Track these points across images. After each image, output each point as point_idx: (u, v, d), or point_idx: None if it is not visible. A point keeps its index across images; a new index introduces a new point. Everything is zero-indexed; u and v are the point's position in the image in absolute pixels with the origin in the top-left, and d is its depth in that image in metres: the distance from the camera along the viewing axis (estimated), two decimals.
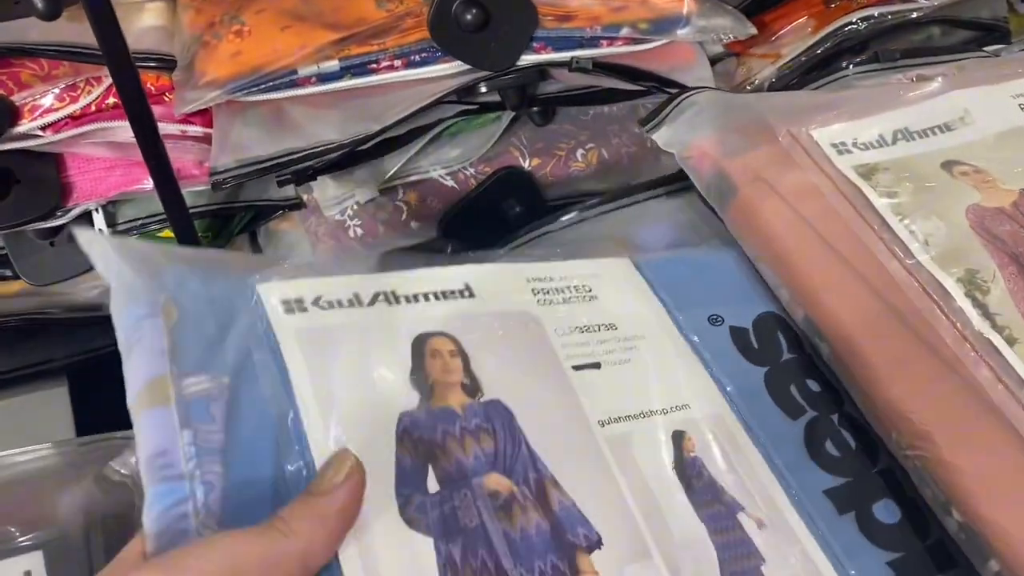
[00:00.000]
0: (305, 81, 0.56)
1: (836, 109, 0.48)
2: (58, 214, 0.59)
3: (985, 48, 0.62)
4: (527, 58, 0.58)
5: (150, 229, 0.63)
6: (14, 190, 0.57)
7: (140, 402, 0.30)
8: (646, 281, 0.42)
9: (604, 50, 0.59)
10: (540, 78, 0.60)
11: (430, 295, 0.37)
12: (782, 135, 0.46)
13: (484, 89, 0.59)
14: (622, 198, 0.50)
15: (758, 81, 0.67)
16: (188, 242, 0.53)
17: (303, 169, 0.57)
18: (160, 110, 0.57)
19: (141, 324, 0.31)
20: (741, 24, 0.61)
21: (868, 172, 0.45)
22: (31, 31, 0.55)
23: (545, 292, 0.39)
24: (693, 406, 0.38)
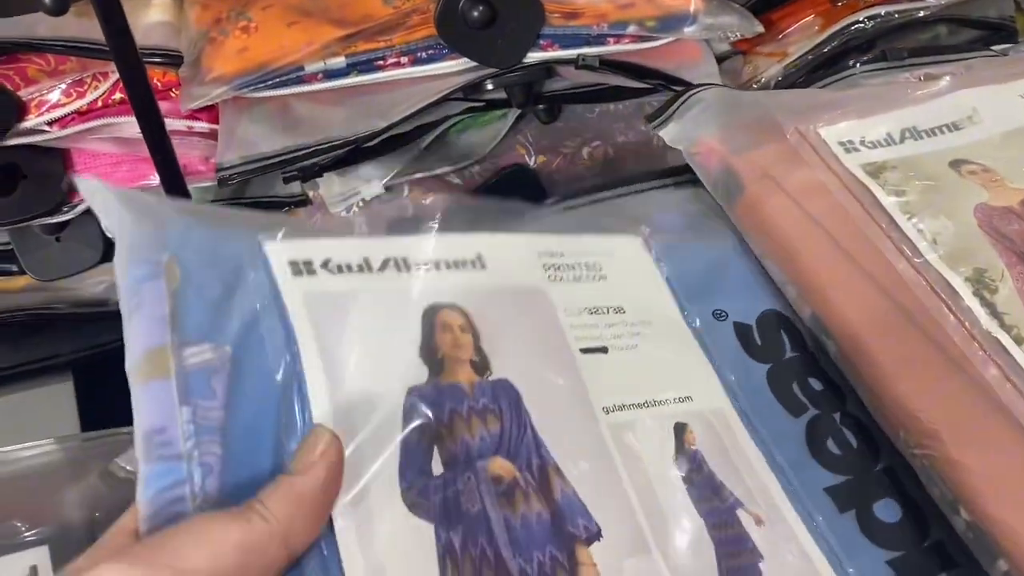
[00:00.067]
0: (312, 77, 0.56)
1: (844, 107, 0.48)
2: (64, 209, 0.59)
3: (993, 47, 0.61)
4: (533, 55, 0.58)
5: None
6: (20, 185, 0.58)
7: (138, 373, 0.29)
8: (656, 264, 0.42)
9: (611, 48, 0.58)
10: (546, 75, 0.60)
11: (441, 264, 0.36)
12: (790, 133, 0.46)
13: (490, 86, 0.59)
14: (631, 184, 0.49)
15: (764, 79, 0.67)
16: None
17: (309, 166, 0.57)
18: (166, 106, 0.57)
19: (142, 287, 0.30)
20: (748, 22, 0.60)
21: (876, 170, 0.44)
22: (38, 26, 0.55)
23: (556, 268, 0.38)
24: (696, 398, 0.38)
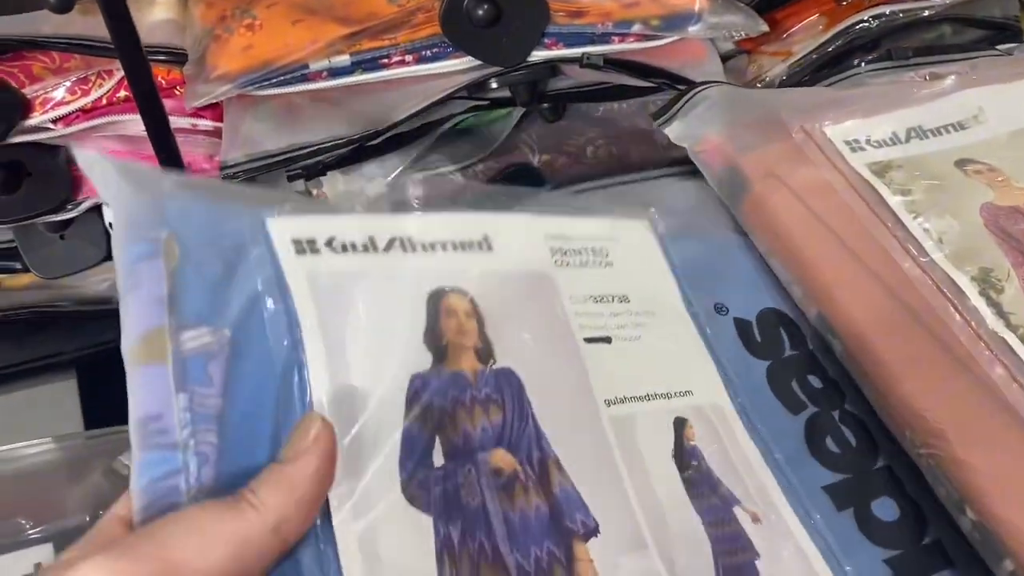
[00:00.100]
0: (316, 76, 0.56)
1: (849, 106, 0.48)
2: (68, 207, 0.59)
3: (997, 47, 0.61)
4: (538, 54, 0.57)
5: None
6: (25, 183, 0.57)
7: (134, 356, 0.28)
8: (662, 251, 0.41)
9: (615, 46, 0.58)
10: (551, 74, 0.60)
11: (448, 244, 0.35)
12: (795, 131, 0.46)
13: (495, 85, 0.59)
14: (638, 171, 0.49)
15: (768, 78, 0.67)
16: None
17: (313, 164, 0.57)
18: (171, 104, 0.57)
19: (140, 266, 0.29)
20: (753, 21, 0.60)
21: (881, 169, 0.44)
22: (43, 24, 0.55)
23: (563, 252, 0.38)
24: (696, 393, 0.37)
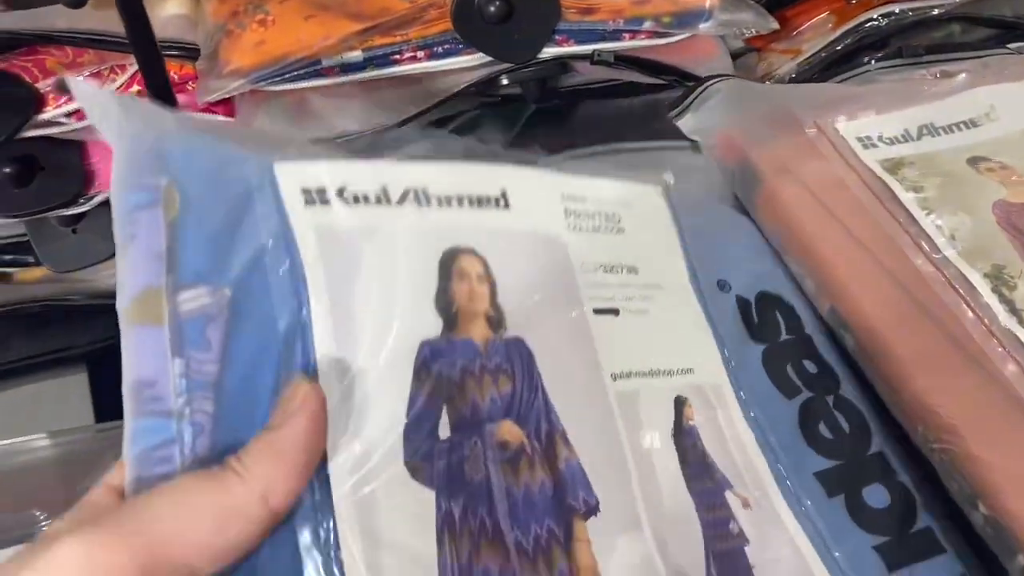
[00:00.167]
0: (328, 71, 0.56)
1: (861, 103, 0.48)
2: (81, 201, 0.59)
3: (1008, 45, 0.62)
4: (549, 51, 0.57)
5: None
6: (38, 177, 0.58)
7: (129, 315, 0.27)
8: (673, 220, 0.40)
9: (626, 43, 0.58)
10: (562, 71, 0.60)
11: (464, 199, 0.34)
12: (808, 127, 0.46)
13: (505, 82, 0.59)
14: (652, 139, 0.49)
15: (778, 76, 0.67)
16: None
17: None
18: (184, 99, 0.57)
19: (138, 216, 0.28)
20: (763, 19, 0.60)
21: (894, 166, 0.45)
22: (57, 19, 0.55)
23: (577, 215, 0.37)
24: (697, 372, 0.37)
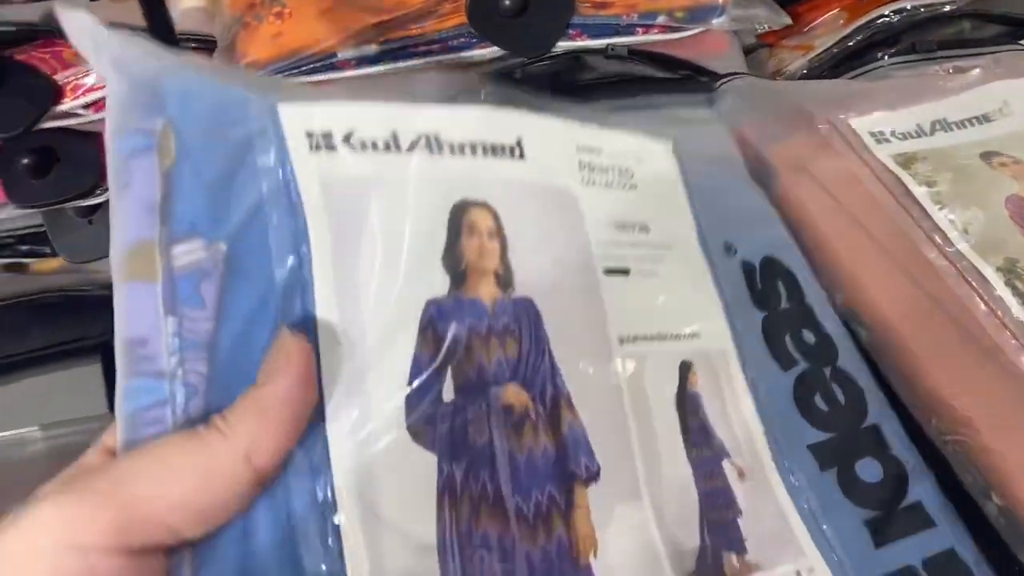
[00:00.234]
0: (345, 64, 0.56)
1: (874, 98, 0.48)
2: (98, 192, 0.59)
3: (1021, 41, 0.62)
4: (563, 44, 0.58)
5: None
6: (55, 168, 0.58)
7: (121, 269, 0.26)
8: (683, 178, 0.39)
9: (639, 38, 0.59)
10: (575, 65, 0.61)
11: (477, 147, 0.32)
12: (821, 123, 0.47)
13: (519, 75, 0.59)
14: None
15: (789, 72, 0.67)
16: None
17: None
18: None
19: (132, 163, 0.27)
20: (776, 14, 0.61)
21: (907, 161, 0.45)
22: None
23: (591, 169, 0.36)
24: (703, 336, 0.36)
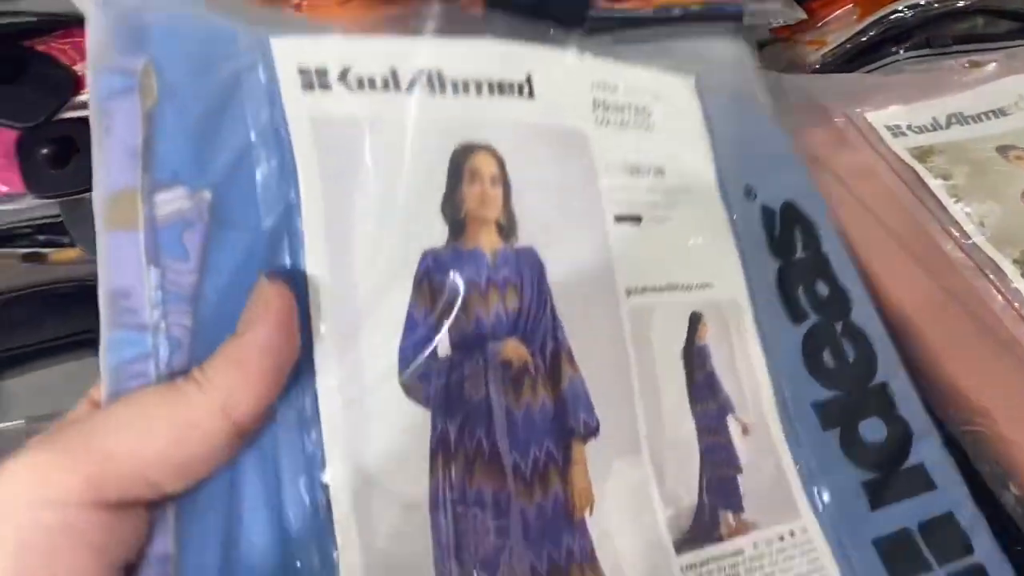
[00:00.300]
0: None
1: (890, 92, 0.48)
2: None
3: None
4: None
5: None
6: (74, 158, 0.58)
7: (103, 218, 0.25)
8: (703, 117, 0.37)
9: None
10: None
11: (483, 85, 0.30)
12: (837, 117, 0.47)
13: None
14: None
15: (802, 67, 0.67)
16: None
17: None
18: None
19: (113, 105, 0.26)
20: (791, 9, 0.61)
21: (923, 155, 0.45)
22: None
23: (606, 108, 0.34)
24: (716, 286, 0.34)
